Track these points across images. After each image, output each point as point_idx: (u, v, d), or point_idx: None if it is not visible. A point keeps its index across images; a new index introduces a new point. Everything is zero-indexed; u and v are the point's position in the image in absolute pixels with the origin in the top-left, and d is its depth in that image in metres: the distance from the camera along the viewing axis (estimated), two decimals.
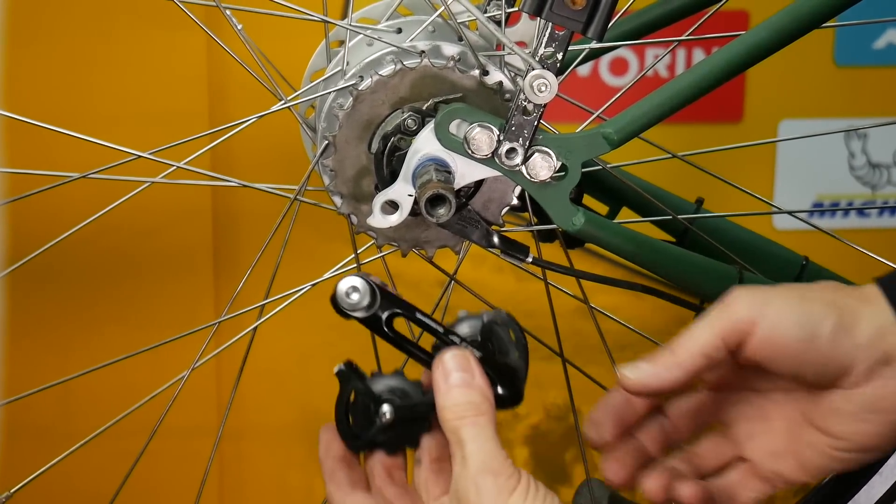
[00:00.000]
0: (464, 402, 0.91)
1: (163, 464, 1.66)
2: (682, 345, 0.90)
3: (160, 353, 1.27)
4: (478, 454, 0.89)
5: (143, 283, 1.76)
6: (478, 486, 0.87)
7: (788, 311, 0.85)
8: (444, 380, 0.93)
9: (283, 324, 1.77)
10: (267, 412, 1.84)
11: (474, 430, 0.90)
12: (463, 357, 0.94)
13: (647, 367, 0.91)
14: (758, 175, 1.84)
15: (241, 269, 1.20)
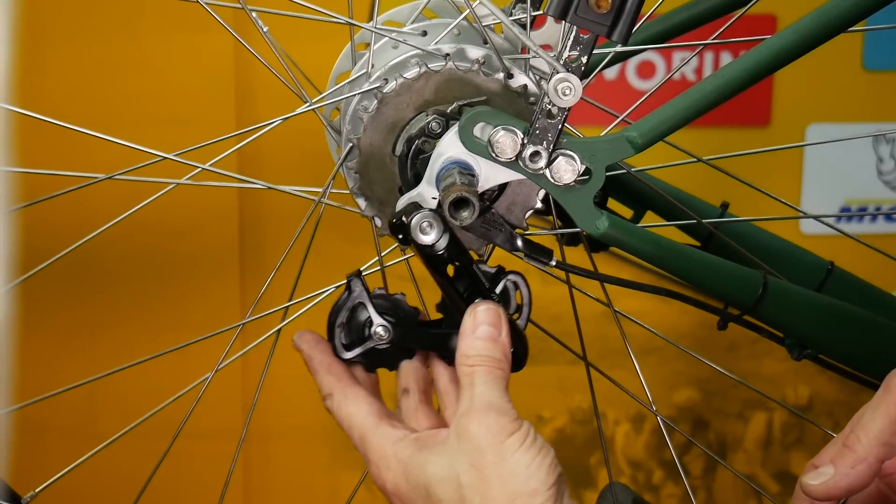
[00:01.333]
0: (485, 354, 0.96)
1: (188, 465, 1.67)
2: (859, 438, 0.90)
3: (185, 354, 1.27)
4: (486, 395, 0.93)
5: (169, 283, 1.76)
6: (480, 421, 0.91)
7: None
8: (472, 329, 0.97)
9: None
10: (292, 414, 1.85)
11: (488, 378, 0.95)
12: (496, 313, 0.99)
13: (831, 471, 0.91)
14: (785, 179, 1.83)
15: (267, 270, 1.20)
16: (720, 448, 1.89)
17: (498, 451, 0.90)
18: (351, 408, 1.00)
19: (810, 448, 1.89)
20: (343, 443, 1.85)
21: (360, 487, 1.27)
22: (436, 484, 0.91)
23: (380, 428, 0.98)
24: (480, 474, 0.90)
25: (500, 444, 0.90)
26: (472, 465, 0.90)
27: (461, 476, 0.90)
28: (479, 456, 0.90)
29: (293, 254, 1.15)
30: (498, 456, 0.90)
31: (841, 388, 1.85)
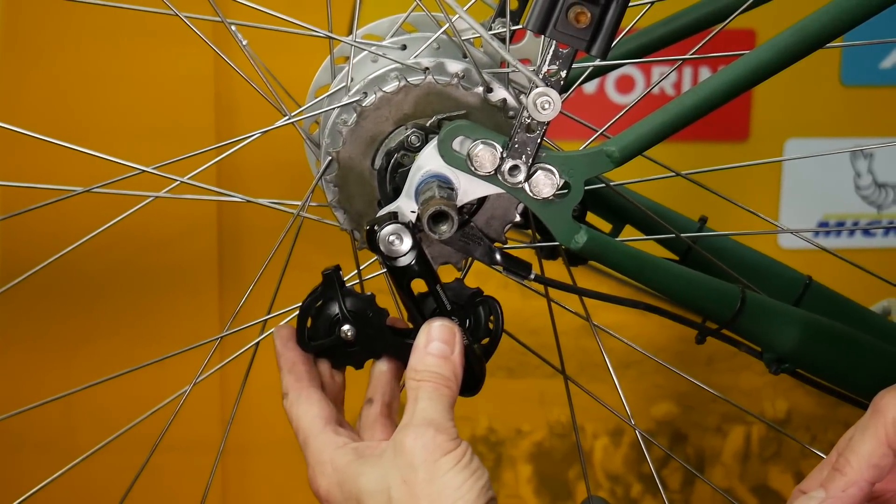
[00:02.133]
0: (434, 370, 0.96)
1: (166, 479, 1.67)
2: (849, 461, 0.90)
3: (164, 367, 1.27)
4: (427, 411, 0.93)
5: (148, 296, 1.76)
6: (416, 436, 0.91)
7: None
8: (425, 344, 0.97)
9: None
10: (270, 427, 1.84)
11: (433, 394, 0.94)
12: (450, 330, 0.99)
13: (822, 496, 0.91)
14: (764, 194, 1.84)
15: (247, 283, 1.20)
16: (698, 462, 1.89)
17: (430, 468, 0.89)
18: (301, 408, 1.01)
19: (788, 462, 1.90)
20: None
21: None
22: (366, 495, 0.91)
23: (323, 433, 0.98)
24: (410, 490, 0.89)
25: (433, 462, 0.90)
26: (403, 481, 0.90)
27: (392, 490, 0.90)
28: (410, 472, 0.90)
29: (272, 267, 1.15)
30: (429, 473, 0.89)
31: (819, 403, 1.85)
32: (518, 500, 1.90)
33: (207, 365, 1.19)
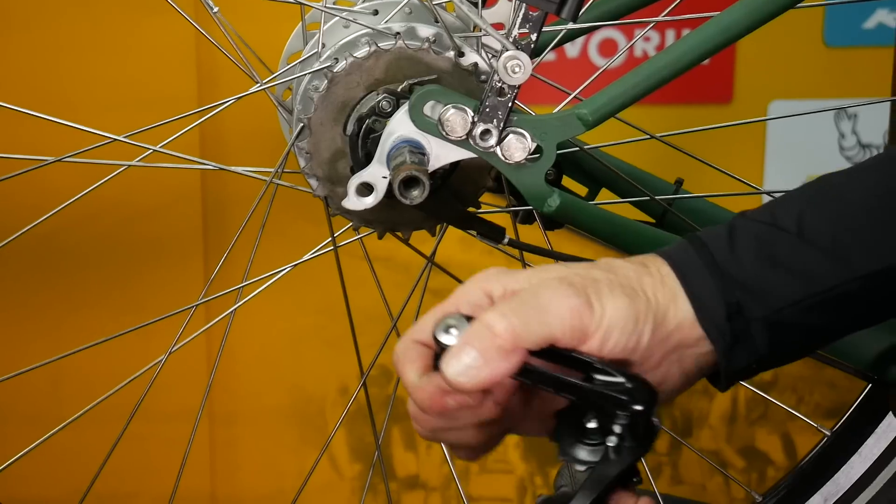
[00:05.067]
0: None
1: (156, 448, 1.67)
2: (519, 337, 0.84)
3: (149, 337, 1.27)
4: None
5: (133, 266, 1.76)
6: None
7: (620, 315, 0.84)
8: None
9: (273, 307, 1.78)
10: (259, 396, 1.85)
11: None
12: None
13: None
14: (748, 156, 1.84)
15: (232, 251, 1.20)
16: (686, 424, 1.89)
17: None
18: None
19: (775, 424, 1.90)
20: (311, 424, 1.85)
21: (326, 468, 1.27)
22: None
23: None
24: None
25: None
26: None
27: None
28: None
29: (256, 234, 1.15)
30: None
31: (805, 364, 1.85)
32: (505, 465, 1.90)
33: (185, 333, 1.19)
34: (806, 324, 0.88)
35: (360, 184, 1.03)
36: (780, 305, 0.87)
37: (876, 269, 0.87)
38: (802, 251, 0.87)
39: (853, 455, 1.19)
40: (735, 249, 0.87)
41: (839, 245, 0.87)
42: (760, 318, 0.87)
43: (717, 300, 0.86)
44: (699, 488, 1.90)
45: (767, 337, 0.87)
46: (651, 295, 0.85)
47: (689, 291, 0.86)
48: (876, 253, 0.88)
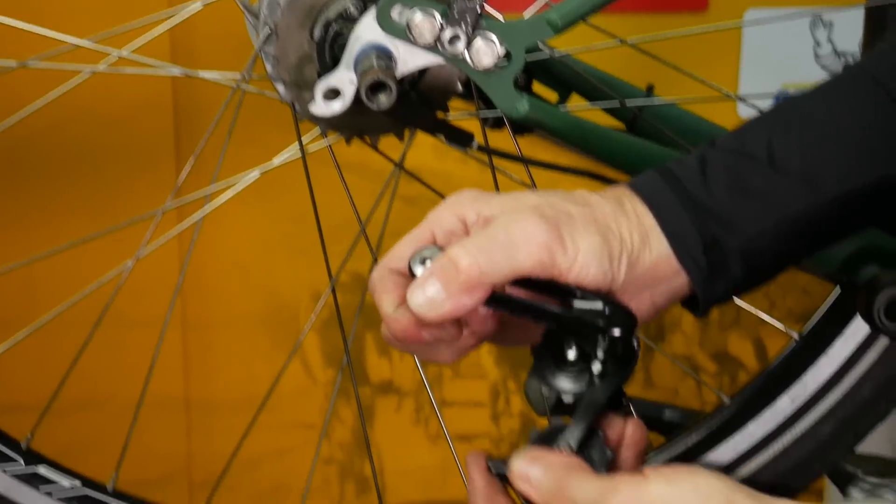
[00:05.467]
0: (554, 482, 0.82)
1: (128, 353, 1.67)
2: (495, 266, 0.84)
3: (122, 243, 1.26)
4: (589, 491, 0.80)
5: (106, 173, 1.75)
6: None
7: (593, 255, 0.84)
8: (528, 484, 0.83)
9: (245, 215, 1.78)
10: (232, 302, 1.85)
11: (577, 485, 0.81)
12: (529, 456, 0.84)
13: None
14: (723, 65, 1.83)
15: (203, 158, 1.19)
16: (658, 329, 1.91)
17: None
18: None
19: (747, 329, 1.91)
20: (283, 329, 1.86)
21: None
22: None
23: None
24: None
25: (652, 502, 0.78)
26: None
27: None
28: None
29: (231, 140, 1.15)
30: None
31: None
32: (479, 369, 1.91)
33: (161, 240, 1.19)
34: (779, 249, 0.89)
35: (327, 89, 1.02)
36: (754, 234, 0.87)
37: (845, 190, 0.88)
38: (773, 179, 0.88)
39: (821, 357, 1.20)
40: (707, 181, 0.87)
41: (809, 170, 0.88)
42: (736, 248, 0.87)
43: (693, 235, 0.86)
44: (671, 392, 1.92)
45: (742, 265, 0.88)
46: (627, 235, 0.86)
47: (665, 229, 0.86)
48: (844, 175, 0.88)
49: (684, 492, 0.77)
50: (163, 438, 1.86)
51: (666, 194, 0.87)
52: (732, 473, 1.21)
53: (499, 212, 0.85)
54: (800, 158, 0.88)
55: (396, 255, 0.86)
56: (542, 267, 0.82)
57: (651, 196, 0.87)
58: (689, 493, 0.77)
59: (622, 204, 0.87)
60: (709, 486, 0.77)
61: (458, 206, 0.86)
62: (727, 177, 0.87)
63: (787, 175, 0.88)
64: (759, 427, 1.22)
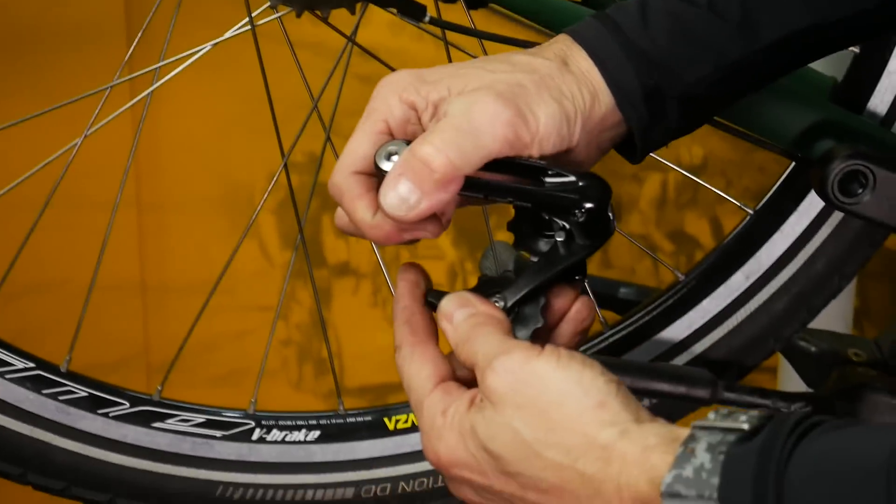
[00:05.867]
0: (469, 328, 0.85)
1: (82, 235, 1.66)
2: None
3: (73, 121, 1.24)
4: (488, 348, 0.82)
5: (56, 50, 1.72)
6: (496, 371, 0.81)
7: (553, 122, 0.83)
8: (449, 323, 0.86)
9: (198, 94, 1.76)
10: (187, 184, 1.84)
11: (481, 333, 0.84)
12: (459, 298, 0.86)
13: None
14: None
15: (156, 35, 1.17)
16: (615, 209, 1.90)
17: (531, 379, 0.79)
18: (413, 367, 0.87)
19: (704, 207, 1.92)
20: (239, 211, 1.85)
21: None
22: (489, 439, 0.80)
23: (433, 394, 0.85)
24: (530, 411, 0.79)
25: (530, 374, 0.79)
26: (516, 407, 0.79)
27: (512, 423, 0.79)
28: (517, 396, 0.79)
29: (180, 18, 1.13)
30: (535, 383, 0.79)
31: (734, 148, 1.87)
32: (436, 251, 1.91)
33: (99, 116, 1.17)
34: (715, 95, 0.90)
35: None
36: (693, 81, 0.88)
37: (781, 36, 0.89)
38: (713, 24, 0.88)
39: (775, 233, 1.20)
40: (648, 27, 0.87)
41: (748, 16, 0.88)
42: (675, 96, 0.88)
43: (634, 84, 0.87)
44: (628, 272, 1.93)
45: (679, 112, 0.88)
46: (578, 95, 0.85)
47: (610, 82, 0.86)
48: (781, 20, 0.90)
49: (567, 376, 0.79)
50: (119, 321, 1.85)
51: (609, 44, 0.87)
52: (687, 350, 1.22)
53: (447, 94, 0.84)
54: (739, 4, 0.88)
55: (355, 154, 0.85)
56: (509, 146, 0.82)
57: (595, 48, 0.87)
58: (571, 380, 0.79)
59: (567, 63, 0.87)
60: (592, 381, 0.79)
61: (402, 90, 0.85)
62: (668, 22, 0.88)
63: (726, 21, 0.88)
64: (713, 303, 1.22)
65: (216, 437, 1.20)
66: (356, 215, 0.84)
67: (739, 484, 0.72)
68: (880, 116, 1.17)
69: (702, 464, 0.73)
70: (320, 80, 1.24)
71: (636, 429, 0.77)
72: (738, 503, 0.71)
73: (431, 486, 1.22)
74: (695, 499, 0.73)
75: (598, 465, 0.77)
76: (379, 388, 1.97)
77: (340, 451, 1.22)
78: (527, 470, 0.79)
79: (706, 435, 0.75)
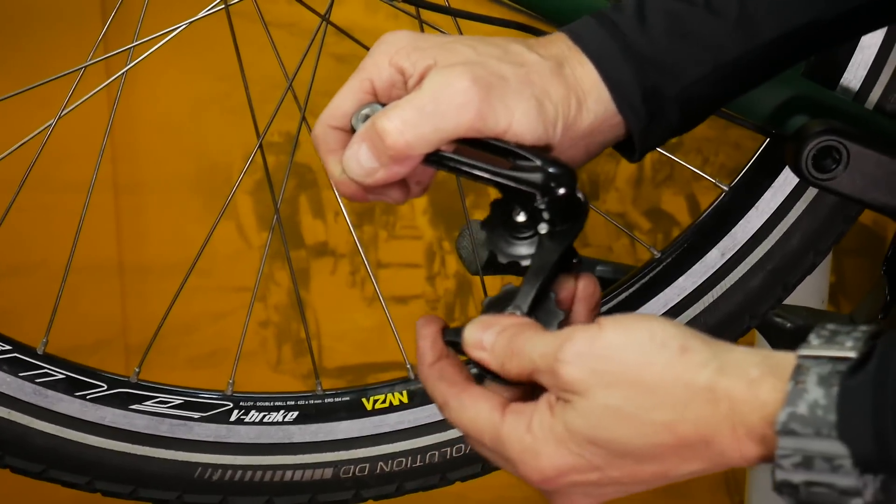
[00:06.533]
0: (507, 342, 0.82)
1: (60, 217, 1.65)
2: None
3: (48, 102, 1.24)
4: (538, 346, 0.80)
5: (31, 30, 1.71)
6: (565, 361, 0.78)
7: (527, 121, 0.82)
8: (483, 350, 0.83)
9: (174, 74, 1.75)
10: (164, 165, 1.83)
11: (522, 337, 0.81)
12: (480, 323, 0.84)
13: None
14: None
15: (132, 15, 1.17)
16: (592, 187, 1.91)
17: (613, 355, 0.77)
18: (470, 413, 0.83)
19: (681, 185, 1.92)
20: (217, 192, 1.84)
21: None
22: (594, 430, 0.78)
23: (506, 422, 0.81)
24: (621, 387, 0.77)
25: (607, 349, 0.77)
26: (605, 387, 0.77)
27: (610, 403, 0.77)
28: (603, 377, 0.77)
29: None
30: (620, 360, 0.77)
31: (710, 125, 1.86)
32: (414, 230, 1.91)
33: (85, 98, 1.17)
34: (714, 93, 0.89)
35: None
36: (692, 80, 0.87)
37: (780, 33, 0.88)
38: (711, 23, 0.87)
39: (750, 209, 1.20)
40: (646, 27, 0.86)
41: (745, 12, 0.88)
42: (674, 95, 0.87)
43: (633, 85, 0.86)
44: (605, 250, 1.93)
45: (679, 111, 0.88)
46: (563, 101, 0.84)
47: (608, 81, 0.85)
48: (780, 17, 0.89)
49: (639, 338, 0.77)
50: (97, 303, 1.85)
51: (607, 44, 0.86)
52: None
53: (433, 62, 0.83)
54: (737, 2, 0.88)
55: (337, 110, 0.85)
56: (473, 132, 0.82)
57: (593, 48, 0.86)
58: (645, 340, 0.77)
59: (562, 66, 0.85)
60: (664, 332, 0.77)
61: (395, 53, 0.84)
62: (666, 22, 0.87)
63: (724, 19, 0.87)
64: (689, 280, 1.23)
65: (194, 418, 1.20)
66: (328, 168, 0.85)
67: (858, 418, 0.70)
68: (853, 92, 1.18)
69: (815, 400, 0.71)
70: (296, 59, 1.24)
71: (731, 361, 0.75)
72: (858, 438, 0.70)
73: (410, 465, 1.22)
74: (812, 436, 0.72)
75: (708, 408, 0.75)
76: (358, 369, 1.97)
77: (319, 432, 1.23)
78: (641, 442, 0.77)
79: (815, 366, 0.73)
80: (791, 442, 0.72)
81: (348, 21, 1.62)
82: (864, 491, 0.71)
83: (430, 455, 1.22)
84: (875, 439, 0.70)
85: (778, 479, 0.73)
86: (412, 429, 1.23)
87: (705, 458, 0.76)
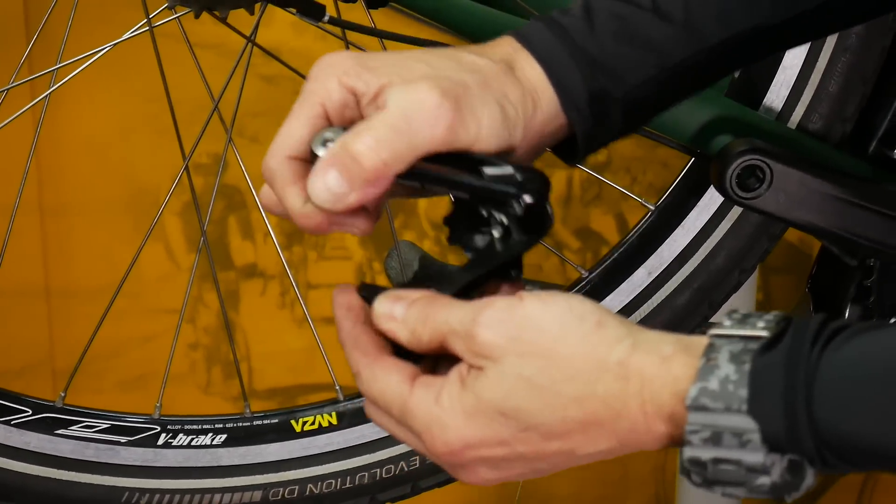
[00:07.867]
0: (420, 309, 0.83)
1: None
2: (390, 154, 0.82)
3: None
4: (452, 314, 0.80)
5: None
6: (481, 325, 0.79)
7: (494, 126, 0.83)
8: (393, 320, 0.83)
9: (101, 95, 1.74)
10: (91, 187, 1.81)
11: (434, 307, 0.82)
12: (391, 295, 0.84)
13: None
14: None
15: (56, 38, 1.16)
16: None
17: (530, 324, 0.77)
18: (380, 383, 0.82)
19: (609, 204, 1.93)
20: (145, 214, 1.83)
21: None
22: (503, 400, 0.78)
23: (415, 394, 0.80)
24: (534, 357, 0.77)
25: (525, 318, 0.77)
26: (519, 356, 0.77)
27: (522, 372, 0.77)
28: (518, 345, 0.77)
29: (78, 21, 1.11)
30: (536, 330, 0.77)
31: (638, 144, 1.88)
32: (343, 251, 1.91)
33: (2, 119, 1.16)
34: (659, 97, 0.90)
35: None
36: (638, 83, 0.88)
37: (724, 37, 0.90)
38: (658, 27, 0.88)
39: (676, 228, 1.22)
40: (594, 29, 0.87)
41: (691, 16, 0.89)
42: (619, 98, 0.88)
43: (581, 88, 0.86)
44: (535, 269, 1.94)
45: (623, 115, 0.88)
46: (520, 101, 0.85)
47: (556, 86, 0.86)
48: (725, 21, 0.90)
49: (558, 310, 0.77)
50: (23, 327, 1.82)
51: (556, 48, 0.86)
52: None
53: (388, 81, 0.82)
54: (683, 6, 0.89)
55: (290, 138, 0.82)
56: (446, 145, 0.81)
57: (542, 52, 0.86)
58: (563, 313, 0.77)
59: (513, 67, 0.86)
60: (582, 307, 0.78)
61: (343, 73, 0.83)
62: (613, 24, 0.87)
63: (671, 23, 0.88)
64: (617, 299, 1.24)
65: (121, 442, 1.19)
66: (286, 202, 0.82)
67: (769, 395, 0.71)
68: (776, 111, 1.19)
69: (727, 375, 0.72)
70: (223, 80, 1.24)
71: (645, 339, 0.76)
72: (768, 414, 0.71)
73: (339, 487, 1.22)
74: (722, 411, 0.72)
75: (618, 384, 0.75)
76: (289, 390, 1.96)
77: (248, 454, 1.22)
78: (549, 416, 0.77)
79: (727, 344, 0.74)
80: (701, 417, 0.73)
81: (275, 42, 1.62)
82: (772, 469, 0.72)
83: (359, 476, 1.22)
84: (785, 417, 0.71)
85: (686, 457, 0.74)
86: (341, 450, 1.23)
87: (613, 438, 0.77)
